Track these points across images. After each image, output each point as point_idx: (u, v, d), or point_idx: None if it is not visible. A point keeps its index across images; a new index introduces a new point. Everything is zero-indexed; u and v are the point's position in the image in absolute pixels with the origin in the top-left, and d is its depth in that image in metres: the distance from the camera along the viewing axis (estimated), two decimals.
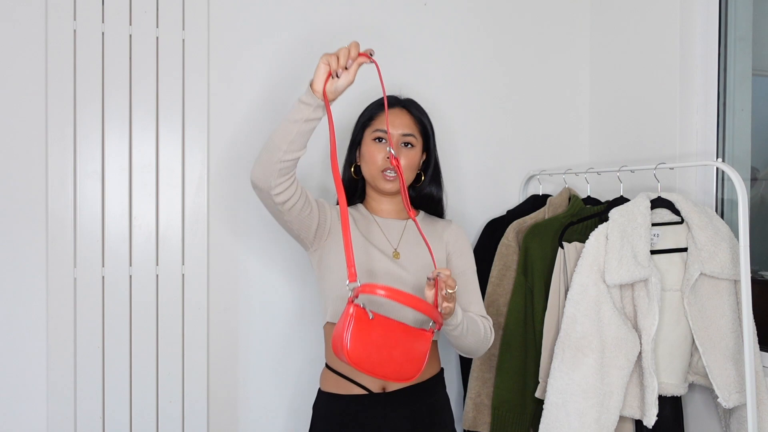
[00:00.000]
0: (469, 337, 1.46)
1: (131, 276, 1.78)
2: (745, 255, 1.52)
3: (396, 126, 1.57)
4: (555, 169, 2.16)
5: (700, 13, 1.87)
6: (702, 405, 1.83)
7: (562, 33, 2.26)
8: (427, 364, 1.54)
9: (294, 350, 1.96)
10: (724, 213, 1.87)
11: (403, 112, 1.60)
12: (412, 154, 1.58)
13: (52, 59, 1.70)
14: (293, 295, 1.95)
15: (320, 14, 1.97)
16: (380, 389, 1.52)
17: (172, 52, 1.80)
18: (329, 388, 1.55)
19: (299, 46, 1.93)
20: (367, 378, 1.50)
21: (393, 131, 1.56)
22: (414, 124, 1.60)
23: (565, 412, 1.60)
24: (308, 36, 1.94)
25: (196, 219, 1.83)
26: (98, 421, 1.75)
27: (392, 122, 1.57)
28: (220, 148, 1.87)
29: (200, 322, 1.83)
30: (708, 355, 1.62)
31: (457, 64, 2.13)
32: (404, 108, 1.61)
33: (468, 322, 1.45)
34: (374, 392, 1.51)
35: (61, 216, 1.72)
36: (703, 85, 1.88)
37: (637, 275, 1.58)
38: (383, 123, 1.56)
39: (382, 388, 1.52)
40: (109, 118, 1.76)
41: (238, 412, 1.91)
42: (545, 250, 1.77)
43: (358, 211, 1.63)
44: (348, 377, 1.52)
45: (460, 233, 1.65)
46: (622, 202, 1.75)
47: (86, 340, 1.74)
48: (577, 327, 1.61)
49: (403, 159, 1.54)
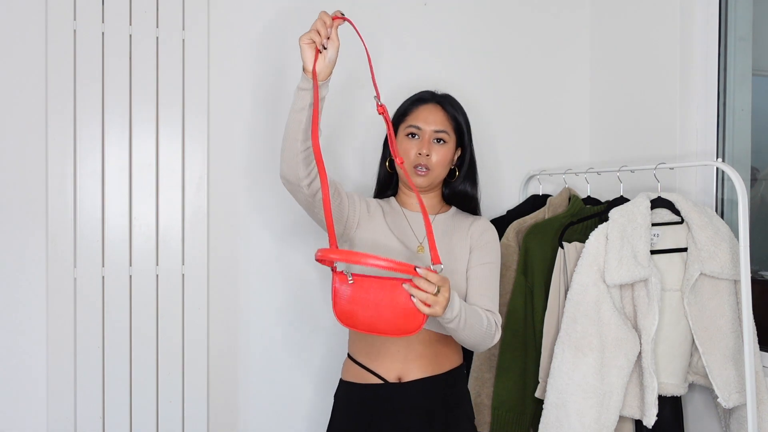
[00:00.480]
0: (467, 331, 1.42)
1: (131, 276, 1.78)
2: (745, 255, 1.52)
3: (429, 122, 1.57)
4: (555, 169, 2.16)
5: (700, 13, 1.87)
6: (702, 405, 1.83)
7: (562, 33, 2.26)
8: (446, 357, 1.56)
9: (294, 350, 1.96)
10: (724, 213, 1.87)
11: (437, 108, 1.60)
12: (444, 151, 1.57)
13: (52, 59, 1.70)
14: (293, 295, 1.95)
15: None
16: (396, 379, 1.51)
17: (172, 52, 1.80)
18: (349, 377, 1.57)
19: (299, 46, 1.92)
20: (383, 367, 1.51)
21: (426, 127, 1.57)
22: (447, 120, 1.59)
23: (564, 412, 1.60)
24: None
25: (196, 219, 1.83)
26: (98, 421, 1.75)
27: (425, 118, 1.58)
28: (220, 148, 1.87)
29: (200, 322, 1.83)
30: (708, 355, 1.62)
31: (456, 64, 2.13)
32: (438, 104, 1.61)
33: (468, 315, 1.41)
34: (390, 382, 1.51)
35: (61, 216, 1.72)
36: (703, 85, 1.88)
37: (637, 275, 1.58)
38: (417, 119, 1.58)
39: (398, 378, 1.51)
40: (109, 118, 1.76)
41: (238, 412, 1.91)
42: (545, 250, 1.77)
43: (389, 204, 1.64)
44: (365, 366, 1.53)
45: (486, 227, 1.62)
46: (622, 202, 1.75)
47: (86, 340, 1.74)
48: (577, 327, 1.61)
49: (434, 155, 1.56)
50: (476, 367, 1.87)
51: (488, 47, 2.17)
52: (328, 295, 1.96)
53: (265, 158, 1.90)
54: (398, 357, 1.51)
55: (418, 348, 1.52)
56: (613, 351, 1.59)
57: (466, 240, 1.59)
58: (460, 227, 1.60)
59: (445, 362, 1.56)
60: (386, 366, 1.51)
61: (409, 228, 1.59)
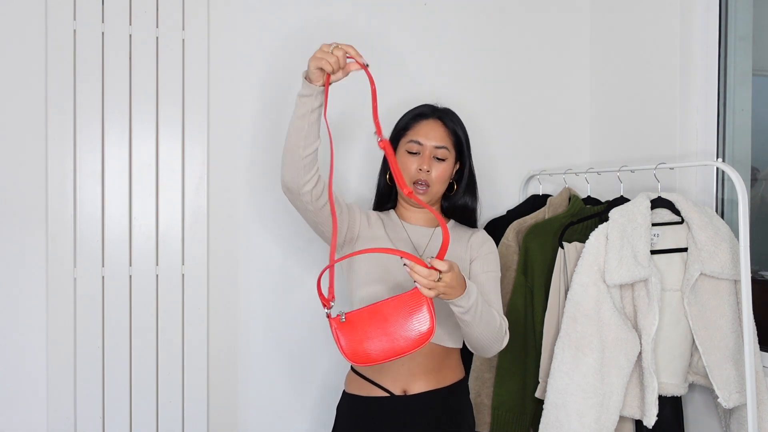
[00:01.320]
0: (482, 326, 1.41)
1: (131, 276, 1.78)
2: (745, 255, 1.52)
3: (429, 138, 1.57)
4: (555, 169, 2.16)
5: (700, 13, 1.87)
6: (702, 405, 1.82)
7: (562, 32, 2.26)
8: (450, 370, 1.56)
9: (294, 350, 1.96)
10: (724, 213, 1.87)
11: (437, 124, 1.60)
12: (443, 167, 1.58)
13: (52, 59, 1.70)
14: (293, 295, 1.95)
15: (320, 14, 1.97)
16: (401, 392, 1.51)
17: (172, 52, 1.80)
18: (352, 389, 1.56)
19: (300, 46, 1.92)
20: (388, 379, 1.51)
21: (426, 143, 1.57)
22: (448, 135, 1.60)
23: (565, 412, 1.60)
24: (309, 36, 1.94)
25: (196, 219, 1.83)
26: (98, 421, 1.75)
27: (426, 134, 1.58)
28: (220, 148, 1.87)
29: (200, 322, 1.83)
30: (708, 355, 1.62)
31: (456, 64, 2.13)
32: (439, 119, 1.61)
33: (482, 307, 1.40)
34: (395, 395, 1.51)
35: (61, 216, 1.72)
36: (703, 85, 1.88)
37: (637, 275, 1.58)
38: (418, 134, 1.58)
39: (403, 391, 1.51)
40: (109, 118, 1.76)
41: (238, 412, 1.91)
42: (545, 250, 1.77)
43: (389, 216, 1.65)
44: (369, 379, 1.53)
45: (485, 238, 1.64)
46: (622, 202, 1.75)
47: (86, 340, 1.74)
48: (577, 327, 1.61)
49: (434, 171, 1.56)
50: (476, 367, 1.87)
51: (488, 47, 2.17)
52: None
53: (265, 158, 1.90)
54: (403, 370, 1.51)
55: (422, 362, 1.52)
56: (613, 351, 1.59)
57: (466, 251, 1.59)
58: (459, 239, 1.61)
59: (449, 375, 1.56)
60: (391, 379, 1.51)
61: (409, 241, 1.59)
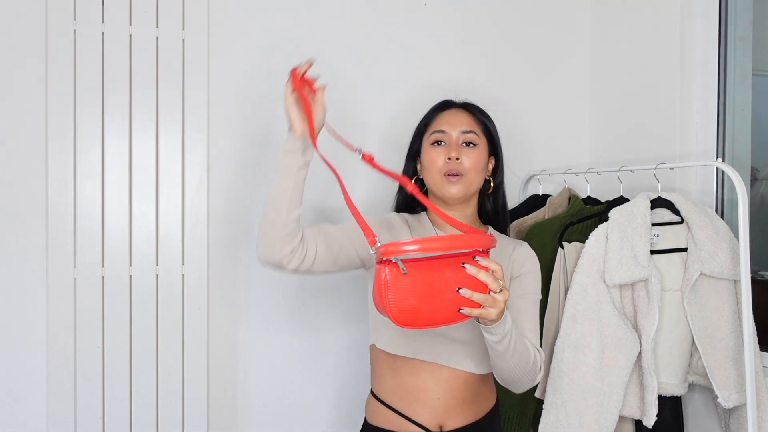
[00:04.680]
0: (516, 359, 1.26)
1: (131, 276, 1.78)
2: (745, 255, 1.52)
3: (454, 125, 1.43)
4: (555, 169, 2.16)
5: (700, 13, 1.87)
6: (702, 405, 1.83)
7: (562, 32, 2.26)
8: (485, 399, 1.44)
9: (294, 350, 1.96)
10: (724, 213, 1.87)
11: (460, 112, 1.47)
12: (476, 154, 1.41)
13: (52, 59, 1.70)
14: (293, 295, 1.95)
15: (320, 14, 1.97)
16: (437, 428, 1.38)
17: (172, 52, 1.80)
18: (378, 422, 1.41)
19: (300, 46, 1.92)
20: (422, 415, 1.37)
21: (451, 130, 1.43)
22: (475, 122, 1.45)
23: (564, 412, 1.60)
24: (309, 36, 1.94)
25: (196, 219, 1.83)
26: (98, 421, 1.75)
27: (449, 122, 1.44)
28: (220, 148, 1.87)
29: (200, 322, 1.83)
30: (708, 355, 1.62)
31: (456, 64, 2.13)
32: (463, 107, 1.49)
33: (517, 337, 1.25)
34: (431, 431, 1.38)
35: (61, 216, 1.72)
36: (703, 85, 1.88)
37: (637, 275, 1.58)
38: (441, 123, 1.45)
39: (439, 427, 1.38)
40: (109, 118, 1.76)
41: (238, 412, 1.91)
42: (545, 250, 1.77)
43: (419, 220, 1.49)
44: (399, 412, 1.38)
45: (529, 254, 1.47)
46: (622, 202, 1.75)
47: (86, 340, 1.74)
48: (577, 327, 1.61)
49: (465, 159, 1.39)
50: None
51: (488, 48, 2.17)
52: (330, 294, 1.96)
53: (265, 158, 1.90)
54: (438, 404, 1.37)
55: (458, 393, 1.38)
56: (613, 351, 1.59)
57: (507, 268, 1.43)
58: (501, 253, 1.43)
59: (484, 404, 1.44)
60: (426, 413, 1.37)
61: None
